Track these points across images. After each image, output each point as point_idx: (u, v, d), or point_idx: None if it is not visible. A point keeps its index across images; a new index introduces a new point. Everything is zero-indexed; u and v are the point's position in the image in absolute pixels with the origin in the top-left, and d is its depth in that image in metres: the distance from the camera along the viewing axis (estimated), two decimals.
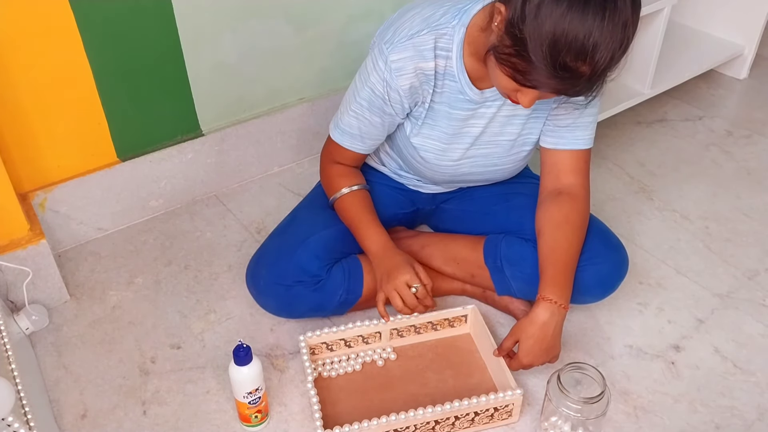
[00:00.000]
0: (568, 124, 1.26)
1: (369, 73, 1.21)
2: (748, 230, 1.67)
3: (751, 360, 1.35)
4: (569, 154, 1.29)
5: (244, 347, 1.12)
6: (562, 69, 0.97)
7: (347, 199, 1.33)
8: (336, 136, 1.32)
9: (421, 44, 1.16)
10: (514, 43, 0.99)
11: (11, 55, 1.33)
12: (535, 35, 0.96)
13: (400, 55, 1.16)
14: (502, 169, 1.35)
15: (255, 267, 1.36)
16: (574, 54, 0.95)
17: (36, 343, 1.38)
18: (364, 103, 1.23)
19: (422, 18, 1.17)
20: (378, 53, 1.18)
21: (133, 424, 1.23)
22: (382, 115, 1.24)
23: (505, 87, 1.07)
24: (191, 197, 1.73)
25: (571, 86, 1.00)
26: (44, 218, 1.51)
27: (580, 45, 0.94)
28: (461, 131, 1.27)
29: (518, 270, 1.33)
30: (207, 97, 1.64)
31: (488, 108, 1.24)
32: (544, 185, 1.32)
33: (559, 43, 0.95)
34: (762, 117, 2.10)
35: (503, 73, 1.04)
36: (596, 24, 0.94)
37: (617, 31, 0.95)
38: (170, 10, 1.47)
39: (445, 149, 1.29)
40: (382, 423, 1.14)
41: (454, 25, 1.16)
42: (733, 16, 2.19)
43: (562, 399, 1.10)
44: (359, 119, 1.26)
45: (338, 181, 1.35)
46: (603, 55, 0.96)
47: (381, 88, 1.20)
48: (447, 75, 1.20)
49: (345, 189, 1.33)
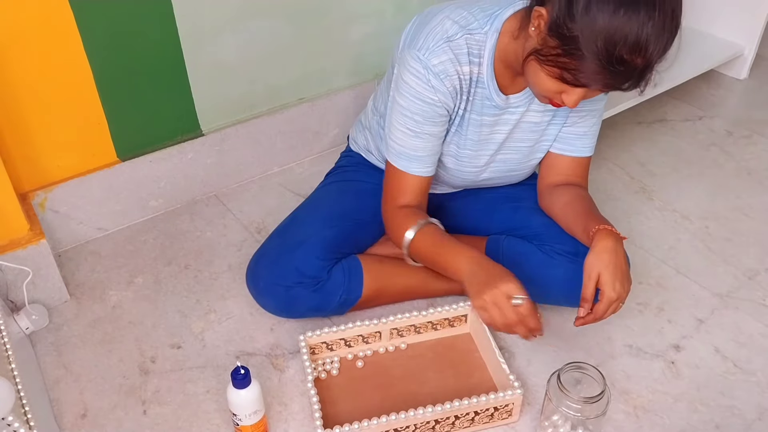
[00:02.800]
0: (581, 133, 1.29)
1: (411, 86, 1.16)
2: (748, 230, 1.67)
3: (751, 360, 1.35)
4: (572, 159, 1.31)
5: (241, 372, 1.09)
6: (618, 63, 0.97)
7: (418, 240, 1.21)
8: (403, 164, 1.22)
9: (457, 48, 1.14)
10: (563, 42, 0.99)
11: (11, 55, 1.33)
12: (587, 31, 0.96)
13: (440, 58, 1.13)
14: (517, 174, 1.37)
15: (255, 267, 1.36)
16: (630, 48, 0.95)
17: (36, 342, 1.38)
18: (419, 117, 1.17)
19: (453, 21, 1.15)
20: (415, 63, 1.14)
21: (133, 423, 1.23)
22: (439, 123, 1.19)
23: (548, 89, 1.06)
24: (191, 197, 1.73)
25: (624, 80, 1.00)
26: (44, 218, 1.51)
27: (635, 38, 0.95)
28: (488, 137, 1.27)
29: (520, 270, 1.32)
30: (207, 97, 1.64)
31: (512, 114, 1.24)
32: (544, 183, 1.34)
33: (615, 37, 0.95)
34: (762, 117, 2.10)
35: (549, 75, 1.04)
36: (648, 16, 0.94)
37: (668, 20, 0.96)
38: (170, 10, 1.47)
39: (471, 156, 1.28)
40: (382, 423, 1.14)
41: (486, 31, 1.14)
42: (733, 16, 2.19)
43: (562, 398, 1.10)
44: (420, 137, 1.19)
45: (402, 227, 1.22)
46: (657, 46, 0.96)
47: (430, 95, 1.15)
48: (479, 82, 1.19)
49: (409, 232, 1.20)
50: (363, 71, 1.87)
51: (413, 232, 1.21)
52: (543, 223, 1.34)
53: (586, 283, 1.15)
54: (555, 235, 1.31)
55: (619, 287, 1.14)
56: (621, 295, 1.15)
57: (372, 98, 1.45)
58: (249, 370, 1.10)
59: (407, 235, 1.21)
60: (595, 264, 1.14)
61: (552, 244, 1.30)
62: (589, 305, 1.16)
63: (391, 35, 1.80)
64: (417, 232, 1.21)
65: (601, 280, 1.14)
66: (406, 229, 1.21)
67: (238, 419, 1.14)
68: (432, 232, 1.21)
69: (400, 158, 1.23)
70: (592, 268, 1.15)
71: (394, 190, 1.26)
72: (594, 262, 1.15)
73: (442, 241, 1.20)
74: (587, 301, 1.16)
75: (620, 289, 1.14)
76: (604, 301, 1.15)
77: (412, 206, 1.25)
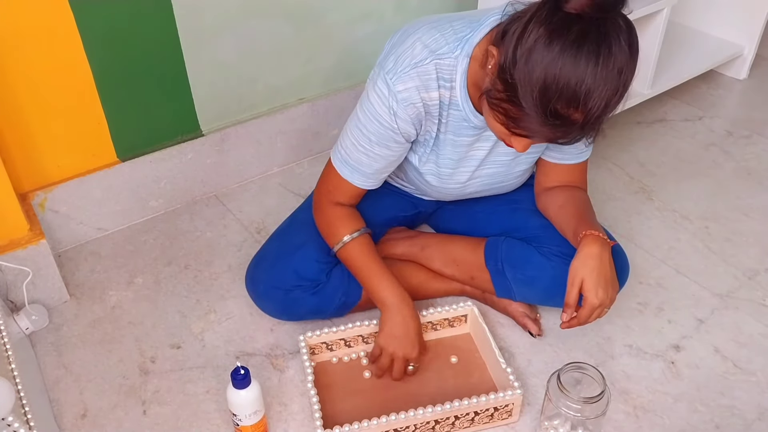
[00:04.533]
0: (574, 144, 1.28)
1: (374, 106, 1.15)
2: (748, 230, 1.67)
3: (751, 360, 1.35)
4: (568, 167, 1.32)
5: (241, 372, 1.10)
6: (554, 116, 0.94)
7: (351, 247, 1.26)
8: (345, 173, 1.23)
9: (425, 73, 1.11)
10: (506, 89, 0.96)
11: (11, 55, 1.33)
12: (525, 81, 0.93)
13: (406, 85, 1.11)
14: (506, 184, 1.36)
15: (254, 271, 1.36)
16: (566, 101, 0.92)
17: (36, 343, 1.38)
18: (373, 138, 1.17)
19: (423, 45, 1.11)
20: (382, 84, 1.13)
21: (133, 423, 1.23)
22: (392, 147, 1.19)
23: (498, 132, 1.05)
24: (191, 197, 1.73)
25: (564, 134, 0.97)
26: (44, 218, 1.51)
27: (572, 92, 0.91)
28: (467, 155, 1.25)
29: (520, 272, 1.33)
30: (207, 97, 1.64)
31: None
32: (541, 186, 1.34)
33: (550, 89, 0.91)
34: (762, 117, 2.10)
35: (495, 120, 1.02)
36: (589, 70, 0.90)
37: (612, 78, 0.92)
38: (170, 10, 1.47)
39: (451, 174, 1.28)
40: (382, 423, 1.14)
41: (456, 56, 1.11)
42: (733, 16, 2.19)
43: (562, 399, 1.10)
44: (369, 155, 1.19)
45: (338, 227, 1.27)
46: (596, 102, 0.92)
47: (389, 120, 1.14)
48: (452, 105, 1.16)
49: (346, 237, 1.26)
50: (363, 71, 1.86)
51: (350, 237, 1.26)
52: (541, 224, 1.33)
53: (569, 289, 1.15)
54: (553, 236, 1.30)
55: (602, 294, 1.13)
56: (604, 301, 1.14)
57: None
58: (249, 370, 1.11)
59: (344, 238, 1.26)
60: (579, 270, 1.14)
61: (550, 246, 1.30)
62: (571, 311, 1.16)
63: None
64: (353, 239, 1.26)
65: (584, 286, 1.14)
66: (342, 231, 1.27)
67: (238, 419, 1.14)
68: (366, 245, 1.27)
69: (344, 166, 1.23)
70: (575, 273, 1.14)
71: (330, 186, 1.27)
72: (578, 267, 1.14)
73: (369, 264, 1.26)
74: (570, 307, 1.16)
75: (603, 295, 1.13)
76: (587, 307, 1.14)
77: (346, 206, 1.29)
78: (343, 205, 1.28)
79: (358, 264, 1.27)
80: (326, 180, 1.29)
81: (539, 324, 1.38)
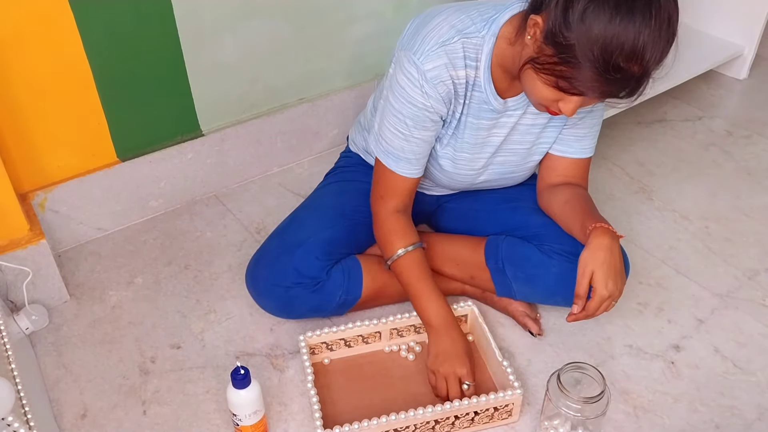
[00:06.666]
0: (581, 135, 1.29)
1: (405, 89, 1.15)
2: (748, 230, 1.67)
3: (751, 360, 1.35)
4: (572, 161, 1.31)
5: (241, 372, 1.10)
6: (615, 71, 0.96)
7: (404, 261, 1.26)
8: (391, 163, 1.23)
9: (452, 52, 1.13)
10: (559, 51, 0.99)
11: (11, 55, 1.33)
12: (584, 39, 0.96)
13: (434, 63, 1.12)
14: (516, 176, 1.37)
15: (254, 268, 1.36)
16: (626, 55, 0.95)
17: (36, 343, 1.38)
18: (410, 122, 1.18)
19: (450, 25, 1.14)
20: (410, 66, 1.14)
21: (133, 423, 1.23)
22: (430, 128, 1.20)
23: (545, 98, 1.06)
24: (191, 197, 1.73)
25: (621, 87, 1.00)
26: (44, 218, 1.51)
27: (631, 46, 0.95)
28: (485, 141, 1.26)
29: (520, 271, 1.33)
30: (207, 97, 1.64)
31: (509, 117, 1.24)
32: (544, 183, 1.34)
33: (612, 45, 0.95)
34: (762, 117, 2.10)
35: (545, 84, 1.04)
36: (645, 24, 0.94)
37: (664, 28, 0.96)
38: (170, 11, 1.47)
39: (468, 159, 1.28)
40: (382, 423, 1.14)
41: (483, 35, 1.14)
42: (733, 16, 2.19)
43: (562, 399, 1.10)
44: (408, 140, 1.20)
45: (394, 240, 1.27)
46: (653, 53, 0.96)
47: (422, 100, 1.15)
48: (476, 85, 1.18)
49: (401, 250, 1.26)
50: (363, 71, 1.87)
51: (404, 251, 1.26)
52: (542, 223, 1.34)
53: (579, 279, 1.15)
54: (554, 235, 1.31)
55: (612, 286, 1.14)
56: (613, 293, 1.15)
57: (372, 99, 1.45)
58: (249, 370, 1.11)
59: (398, 251, 1.26)
60: (590, 261, 1.14)
61: (551, 244, 1.30)
62: (582, 302, 1.16)
63: (391, 35, 1.80)
64: (407, 253, 1.26)
65: (594, 277, 1.14)
66: (397, 244, 1.27)
67: (238, 419, 1.14)
68: (419, 261, 1.27)
69: (388, 156, 1.23)
70: (586, 265, 1.15)
71: (383, 188, 1.27)
72: (588, 259, 1.15)
73: (421, 280, 1.26)
74: (580, 298, 1.16)
75: (613, 287, 1.14)
76: (596, 298, 1.14)
77: (401, 211, 1.28)
78: (398, 214, 1.28)
79: (410, 281, 1.26)
80: (377, 182, 1.28)
81: (539, 323, 1.38)
